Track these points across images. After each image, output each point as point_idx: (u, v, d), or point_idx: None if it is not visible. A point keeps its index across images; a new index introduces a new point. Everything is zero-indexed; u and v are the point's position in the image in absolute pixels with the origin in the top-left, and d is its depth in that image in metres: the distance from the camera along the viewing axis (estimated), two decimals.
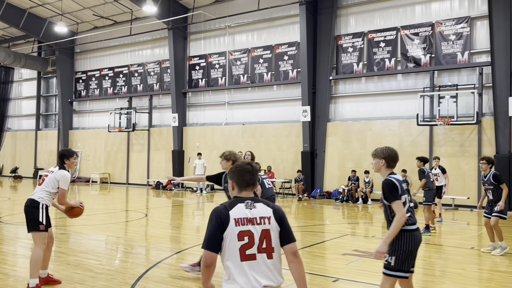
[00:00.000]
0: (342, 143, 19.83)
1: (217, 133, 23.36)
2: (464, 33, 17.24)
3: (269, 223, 2.81)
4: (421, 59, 18.12)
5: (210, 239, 2.72)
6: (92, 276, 6.90)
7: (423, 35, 18.07)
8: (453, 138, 17.36)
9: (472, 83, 16.97)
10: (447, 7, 17.83)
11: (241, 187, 2.94)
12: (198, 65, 24.31)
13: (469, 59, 17.16)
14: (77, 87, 29.73)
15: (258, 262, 2.73)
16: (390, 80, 19.07)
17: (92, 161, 28.41)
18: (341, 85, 20.32)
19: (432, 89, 17.63)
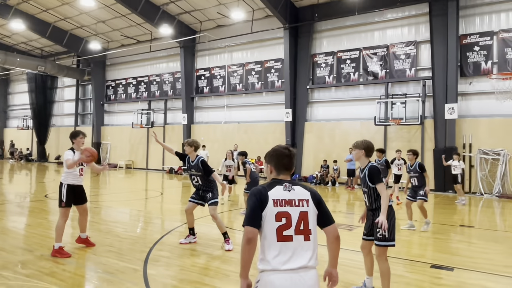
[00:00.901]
0: (316, 139, 19.95)
1: (218, 130, 23.39)
2: (411, 54, 17.36)
3: (307, 205, 2.36)
4: (378, 73, 18.22)
5: (251, 216, 2.28)
6: (119, 240, 6.98)
7: (380, 54, 18.17)
8: (402, 135, 17.51)
9: (417, 93, 17.10)
10: (398, 33, 17.92)
11: (280, 171, 2.50)
12: (203, 76, 24.29)
13: (415, 74, 17.28)
14: (107, 92, 29.59)
15: (294, 243, 2.25)
16: (354, 90, 19.17)
17: (119, 151, 28.33)
18: (316, 93, 20.41)
19: (386, 97, 17.70)
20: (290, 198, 2.33)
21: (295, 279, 2.17)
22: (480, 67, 15.81)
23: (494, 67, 15.57)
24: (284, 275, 2.17)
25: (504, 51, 15.39)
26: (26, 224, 8.27)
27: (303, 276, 2.20)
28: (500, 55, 15.47)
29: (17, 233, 7.44)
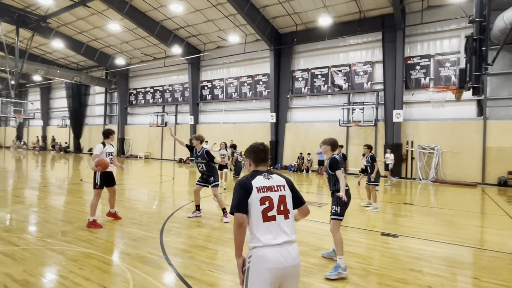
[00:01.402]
0: (294, 137, 20.02)
1: (217, 129, 23.29)
2: (368, 71, 17.51)
3: (284, 190, 2.33)
4: (342, 86, 18.33)
5: (239, 204, 2.21)
6: (140, 215, 6.95)
7: (344, 71, 18.28)
8: (360, 134, 17.69)
9: (372, 101, 17.27)
10: (358, 54, 18.04)
11: (257, 163, 2.45)
12: (206, 86, 24.10)
13: (371, 87, 17.43)
14: (130, 98, 29.13)
15: (277, 222, 2.21)
16: (323, 98, 19.26)
17: (139, 145, 28.00)
18: (294, 101, 20.45)
19: (348, 104, 17.81)
20: (270, 184, 2.29)
21: (283, 252, 2.14)
22: (420, 82, 16.05)
23: (431, 82, 15.80)
24: (273, 249, 2.12)
25: (439, 69, 15.64)
26: (66, 202, 8.18)
27: (288, 249, 2.17)
28: (436, 73, 15.72)
29: (59, 209, 7.37)
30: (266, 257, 2.11)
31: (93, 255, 4.48)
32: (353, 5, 16.52)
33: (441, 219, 7.53)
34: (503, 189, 13.49)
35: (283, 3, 17.13)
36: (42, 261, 4.21)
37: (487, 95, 14.67)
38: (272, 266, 2.09)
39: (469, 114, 15.18)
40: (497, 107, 14.80)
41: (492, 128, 14.43)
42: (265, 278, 2.08)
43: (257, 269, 2.10)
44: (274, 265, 2.09)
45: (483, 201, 10.36)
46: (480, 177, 14.55)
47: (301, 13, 17.85)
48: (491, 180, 14.36)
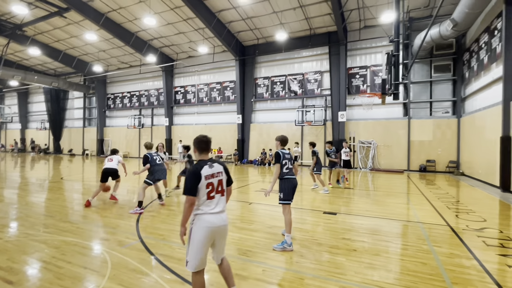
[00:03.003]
0: (258, 135, 20.37)
1: (190, 130, 23.05)
2: (318, 79, 18.30)
3: (222, 175, 2.76)
4: (297, 91, 18.98)
5: (192, 189, 2.59)
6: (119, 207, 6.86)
7: (299, 79, 18.93)
8: (312, 132, 18.45)
9: (321, 104, 18.07)
10: (310, 65, 18.77)
11: (201, 152, 2.75)
12: (180, 91, 23.71)
13: (320, 92, 18.24)
14: (108, 102, 27.81)
15: (216, 199, 2.68)
16: (282, 102, 19.80)
17: (118, 145, 26.84)
18: (257, 104, 20.79)
19: (302, 107, 18.45)
20: (212, 172, 2.72)
21: (217, 217, 2.69)
22: (360, 88, 17.11)
23: (368, 88, 16.92)
24: (211, 215, 2.66)
25: (373, 78, 16.78)
26: (47, 198, 7.83)
27: (221, 215, 2.72)
28: (371, 81, 16.84)
29: (40, 205, 7.05)
30: (205, 219, 2.66)
31: (74, 242, 4.45)
32: (304, 23, 17.17)
33: (372, 199, 8.23)
34: (423, 174, 14.88)
35: (246, 20, 17.37)
36: (25, 250, 4.12)
37: (411, 99, 16.02)
38: (209, 225, 2.64)
39: (397, 114, 16.48)
40: (418, 109, 16.23)
41: (414, 125, 15.81)
42: (204, 232, 2.63)
43: (199, 227, 2.64)
44: (211, 225, 2.64)
45: (406, 184, 11.41)
46: (406, 164, 15.90)
47: (261, 29, 18.20)
48: (414, 167, 15.74)
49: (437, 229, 5.26)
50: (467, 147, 13.65)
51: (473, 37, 12.95)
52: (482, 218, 6.00)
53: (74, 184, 10.27)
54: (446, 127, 15.17)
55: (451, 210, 6.72)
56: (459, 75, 14.93)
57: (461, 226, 5.41)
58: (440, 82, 15.72)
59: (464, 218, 6.00)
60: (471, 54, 13.26)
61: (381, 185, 11.04)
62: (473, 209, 6.89)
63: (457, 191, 10.09)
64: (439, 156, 15.25)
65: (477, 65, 12.45)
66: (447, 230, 5.19)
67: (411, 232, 5.18)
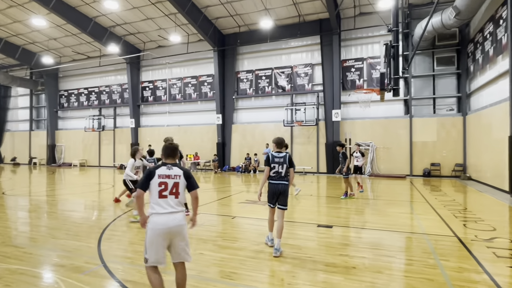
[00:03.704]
0: (241, 137, 20.42)
1: (161, 132, 22.76)
2: (309, 73, 18.62)
3: (179, 179, 3.21)
4: (285, 87, 19.23)
5: (142, 184, 3.17)
6: (76, 226, 6.66)
7: (287, 73, 19.19)
8: (303, 133, 18.72)
9: (313, 102, 18.39)
10: (299, 57, 19.09)
11: (166, 157, 3.32)
12: (148, 87, 23.41)
13: (312, 88, 18.57)
14: (60, 100, 26.99)
15: (168, 199, 3.14)
16: (268, 99, 19.98)
17: (73, 151, 26.09)
18: (240, 102, 20.87)
19: (291, 105, 18.74)
20: (169, 174, 3.20)
21: (170, 217, 3.12)
22: (355, 83, 17.56)
23: (365, 83, 17.39)
24: (163, 215, 3.12)
25: (371, 72, 17.27)
26: None
27: (174, 216, 3.14)
28: (368, 75, 17.34)
29: None
30: (155, 221, 3.12)
31: (21, 270, 4.27)
32: (292, 9, 17.45)
33: (372, 208, 8.45)
34: (427, 179, 15.41)
35: (225, 4, 17.44)
36: None
37: (412, 95, 16.60)
38: (160, 226, 3.10)
39: (398, 113, 17.01)
40: (420, 106, 16.83)
41: (416, 124, 16.37)
42: (154, 233, 3.10)
43: (151, 228, 3.13)
44: (161, 226, 3.10)
45: (409, 191, 11.77)
46: (408, 169, 16.41)
47: (243, 15, 18.33)
48: (417, 172, 16.27)
49: (443, 241, 5.46)
50: (474, 148, 14.29)
51: (477, 26, 13.62)
52: (492, 227, 6.28)
53: (19, 200, 9.86)
54: (451, 126, 15.81)
55: (458, 219, 6.99)
56: (463, 68, 15.63)
57: (470, 237, 5.65)
58: (443, 76, 16.39)
59: (473, 228, 6.26)
60: (475, 45, 13.93)
61: (381, 192, 11.33)
62: (481, 217, 7.20)
63: (464, 197, 10.50)
64: (444, 159, 15.85)
65: (482, 57, 13.10)
66: (455, 242, 5.40)
67: (416, 245, 5.34)
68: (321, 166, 18.06)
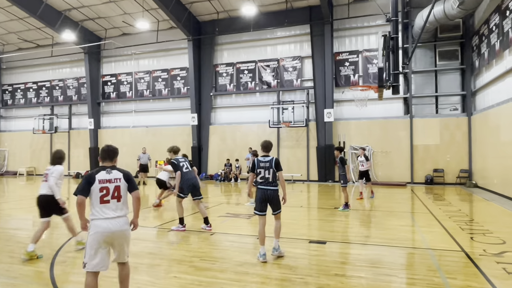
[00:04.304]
0: (220, 140, 20.36)
1: (126, 134, 22.39)
2: (297, 67, 18.83)
3: (120, 182, 3.61)
4: (271, 83, 19.36)
5: (82, 190, 3.50)
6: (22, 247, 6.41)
7: (272, 66, 19.33)
8: (291, 136, 18.87)
9: (302, 100, 18.60)
10: (287, 48, 19.29)
11: (103, 160, 3.71)
12: (109, 82, 23.01)
13: (301, 84, 18.79)
14: (3, 97, 26.08)
15: (110, 204, 3.52)
16: (251, 97, 20.06)
17: (19, 158, 25.20)
18: (219, 99, 20.84)
19: (278, 103, 18.90)
20: (109, 178, 3.58)
21: (113, 222, 3.50)
22: (350, 79, 17.90)
23: (360, 79, 17.75)
24: (105, 220, 3.49)
25: (367, 66, 17.66)
26: None
27: (117, 220, 3.53)
28: (364, 70, 17.71)
29: None
30: (98, 225, 3.49)
31: None
32: None
33: (370, 221, 8.61)
34: (429, 187, 15.85)
35: None
36: None
37: (412, 93, 17.07)
38: (102, 230, 3.46)
39: (397, 112, 17.45)
40: (421, 105, 17.33)
41: (417, 126, 16.84)
42: (96, 238, 3.47)
43: (92, 232, 3.48)
44: (103, 230, 3.46)
45: (411, 201, 12.06)
46: (409, 176, 16.83)
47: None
48: (419, 179, 16.71)
49: (449, 256, 5.60)
50: (480, 152, 14.82)
51: (482, 17, 14.20)
52: (501, 240, 6.51)
53: None
54: (455, 127, 16.35)
55: (465, 232, 7.21)
56: (468, 63, 16.22)
57: (477, 251, 5.83)
58: (446, 72, 16.96)
59: (480, 241, 6.47)
60: (480, 38, 14.51)
61: (380, 202, 11.54)
62: (490, 228, 7.45)
63: (470, 207, 10.84)
64: (448, 164, 16.35)
65: (487, 51, 13.65)
66: (462, 257, 5.56)
67: (419, 261, 5.46)
68: (312, 173, 18.23)
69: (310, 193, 14.44)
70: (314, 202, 12.31)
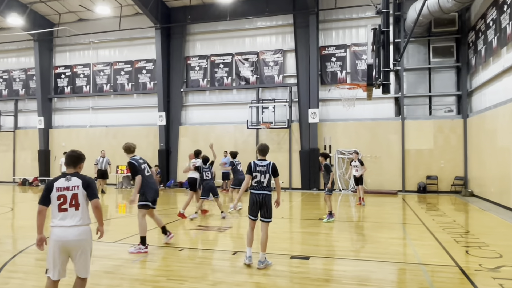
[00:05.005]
0: (191, 143, 20.11)
1: (82, 134, 21.90)
2: (279, 61, 18.96)
3: (78, 189, 3.81)
4: (249, 78, 19.40)
5: (43, 199, 3.77)
6: None
7: (251, 60, 19.39)
8: (272, 138, 18.93)
9: (284, 98, 18.73)
10: (267, 41, 19.40)
11: (67, 166, 3.95)
12: (63, 74, 22.49)
13: (283, 80, 18.92)
14: None
15: (69, 212, 3.75)
16: (227, 94, 20.03)
17: None
18: (190, 96, 20.71)
19: (257, 101, 18.96)
20: (67, 185, 3.80)
21: (68, 231, 3.72)
22: (337, 76, 18.18)
23: (348, 76, 18.05)
24: (62, 228, 3.72)
25: (355, 62, 17.99)
26: None
27: (74, 229, 3.74)
28: (352, 66, 18.04)
29: None
30: (55, 233, 3.75)
31: None
32: None
33: (357, 234, 8.74)
34: (422, 195, 16.25)
35: None
36: None
37: (404, 93, 17.51)
38: (58, 239, 3.73)
39: (388, 113, 17.86)
40: (414, 106, 17.80)
41: (410, 128, 17.28)
42: (53, 245, 3.73)
43: (50, 239, 3.75)
44: (59, 238, 3.73)
45: (402, 211, 12.32)
46: (401, 183, 17.22)
47: None
48: (411, 186, 17.12)
49: (443, 272, 5.76)
50: (476, 158, 15.34)
51: (479, 11, 14.75)
52: (497, 253, 6.75)
53: None
54: (450, 130, 16.87)
55: (459, 245, 7.43)
56: (463, 61, 16.80)
57: (473, 266, 6.01)
58: (440, 70, 17.49)
59: (476, 255, 6.68)
60: (477, 34, 15.06)
61: (369, 213, 11.74)
62: (486, 241, 7.71)
63: (466, 217, 11.18)
64: (442, 171, 16.84)
65: (484, 48, 14.18)
66: (456, 272, 5.72)
67: (411, 278, 5.58)
68: (295, 180, 18.36)
69: (292, 202, 14.51)
70: (296, 212, 12.37)
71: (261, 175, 5.88)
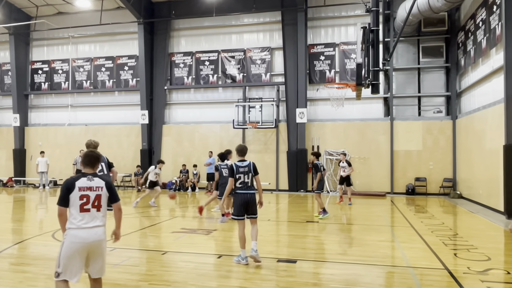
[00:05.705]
0: (175, 142, 20.11)
1: (60, 133, 21.58)
2: (266, 59, 19.00)
3: (102, 190, 3.84)
4: (236, 76, 19.39)
5: (63, 200, 3.71)
6: None
7: (238, 58, 19.38)
8: (259, 138, 18.97)
9: (272, 97, 18.78)
10: (254, 38, 19.43)
11: (85, 166, 3.92)
12: (41, 70, 22.14)
13: (270, 79, 18.97)
14: None
15: (91, 213, 3.75)
16: (213, 92, 19.99)
17: None
18: (174, 94, 20.60)
19: (244, 100, 18.96)
20: (90, 185, 3.80)
21: (91, 231, 3.73)
22: (325, 75, 18.31)
23: (337, 76, 18.20)
24: (83, 230, 3.71)
25: (344, 61, 18.15)
26: None
27: (95, 230, 3.76)
28: (341, 65, 18.19)
29: None
30: (75, 235, 3.71)
31: None
32: None
33: (345, 236, 8.83)
34: (411, 197, 16.49)
35: None
36: None
37: (393, 93, 17.74)
38: (79, 240, 3.70)
39: (377, 114, 18.06)
40: (403, 106, 18.04)
41: (399, 129, 17.50)
42: (74, 248, 3.68)
43: (69, 241, 3.71)
44: (81, 240, 3.70)
45: (390, 213, 12.49)
46: (389, 185, 17.44)
47: None
48: (399, 188, 17.35)
49: (431, 275, 5.85)
50: (465, 159, 15.62)
51: (469, 11, 15.03)
52: (486, 256, 6.89)
53: None
54: (439, 131, 17.15)
55: (448, 248, 7.56)
56: (453, 61, 17.10)
57: (461, 269, 6.12)
58: (430, 70, 17.77)
59: (464, 257, 6.81)
60: (466, 34, 15.35)
61: (357, 215, 11.86)
62: (474, 244, 7.87)
63: (454, 220, 11.37)
64: (431, 172, 17.10)
65: (474, 49, 14.46)
66: (445, 275, 5.82)
67: (399, 281, 5.66)
68: (282, 181, 18.42)
69: (279, 204, 14.55)
70: (283, 215, 12.41)
71: (244, 176, 6.21)
